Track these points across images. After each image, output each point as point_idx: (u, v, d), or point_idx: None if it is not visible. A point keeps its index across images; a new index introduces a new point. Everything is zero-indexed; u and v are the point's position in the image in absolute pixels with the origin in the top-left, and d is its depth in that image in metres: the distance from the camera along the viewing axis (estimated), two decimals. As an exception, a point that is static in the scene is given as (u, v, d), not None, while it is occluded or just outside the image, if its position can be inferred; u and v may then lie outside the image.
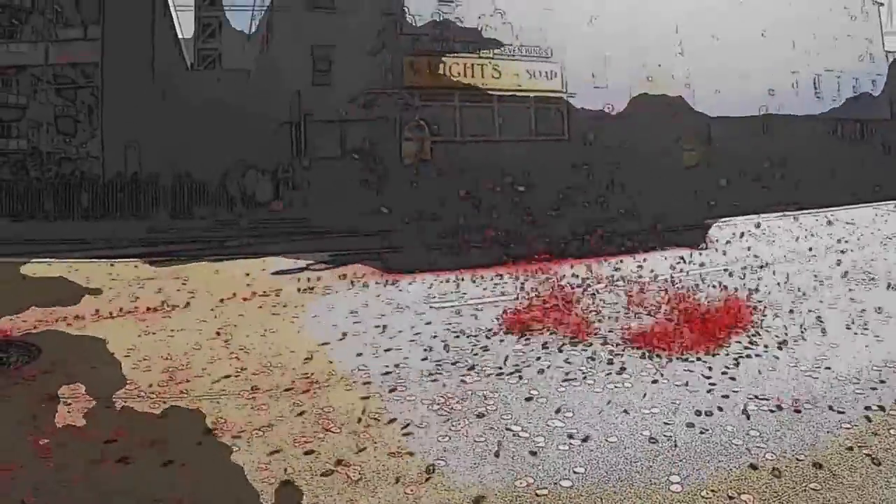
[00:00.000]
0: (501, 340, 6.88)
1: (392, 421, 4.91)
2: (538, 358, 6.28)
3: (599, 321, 7.45)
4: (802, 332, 6.89)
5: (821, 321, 7.27)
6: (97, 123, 19.83)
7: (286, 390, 5.51)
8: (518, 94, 23.46)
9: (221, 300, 8.79)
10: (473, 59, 22.85)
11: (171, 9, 22.35)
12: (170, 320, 7.81)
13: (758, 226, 14.93)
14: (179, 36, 23.38)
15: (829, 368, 5.74)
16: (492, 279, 9.95)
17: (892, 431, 4.50)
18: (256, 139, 19.27)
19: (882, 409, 4.86)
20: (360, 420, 4.91)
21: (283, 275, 10.58)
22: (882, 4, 38.99)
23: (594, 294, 8.77)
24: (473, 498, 3.84)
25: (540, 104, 24.02)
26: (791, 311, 7.73)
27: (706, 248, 12.37)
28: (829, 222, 15.17)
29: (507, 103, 23.33)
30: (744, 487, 3.88)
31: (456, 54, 22.56)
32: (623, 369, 5.89)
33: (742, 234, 13.69)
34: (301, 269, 10.96)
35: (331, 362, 6.23)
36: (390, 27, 21.54)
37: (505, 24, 23.47)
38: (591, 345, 6.61)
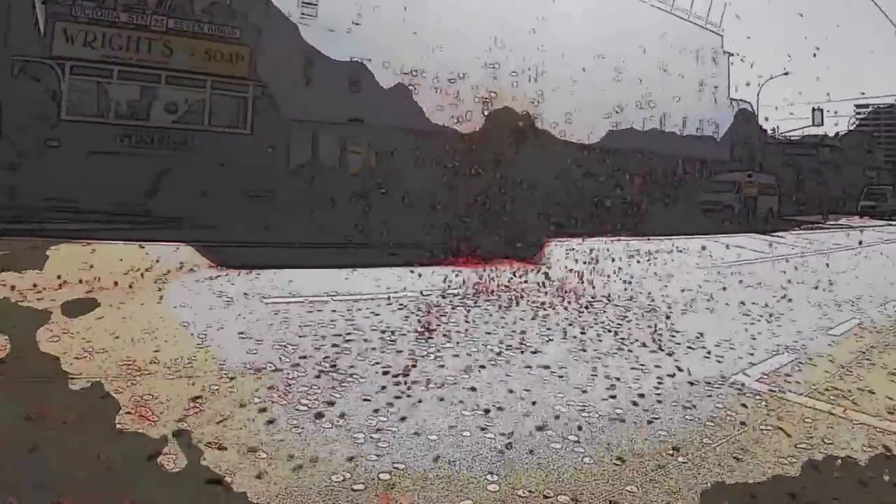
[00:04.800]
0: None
1: (214, 412, 4.72)
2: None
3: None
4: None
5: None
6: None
7: (108, 376, 5.18)
8: (192, 75, 21.39)
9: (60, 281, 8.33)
10: (141, 32, 20.51)
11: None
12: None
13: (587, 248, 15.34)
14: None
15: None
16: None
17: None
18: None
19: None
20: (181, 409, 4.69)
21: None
22: (732, 55, 42.03)
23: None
24: (290, 490, 3.71)
25: (219, 90, 22.02)
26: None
27: (544, 265, 12.69)
28: (654, 251, 15.94)
29: (178, 86, 21.31)
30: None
31: (122, 24, 20.22)
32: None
33: (572, 253, 14.02)
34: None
35: (156, 350, 5.94)
36: None
37: None
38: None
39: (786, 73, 41.61)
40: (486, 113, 25.17)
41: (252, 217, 16.23)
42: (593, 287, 10.86)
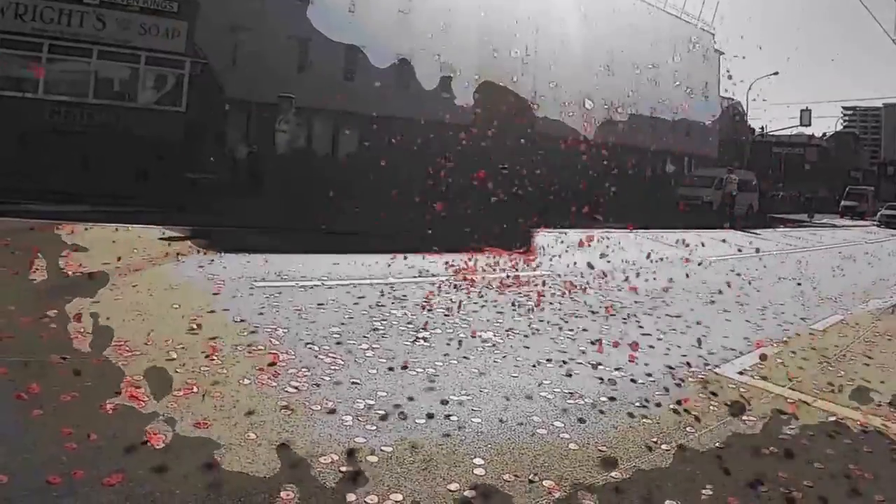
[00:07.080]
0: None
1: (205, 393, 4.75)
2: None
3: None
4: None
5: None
6: None
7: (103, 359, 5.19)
8: (126, 50, 20.92)
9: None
10: (73, 5, 19.97)
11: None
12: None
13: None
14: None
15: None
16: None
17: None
18: None
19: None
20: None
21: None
22: (723, 53, 42.24)
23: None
24: (277, 472, 3.74)
25: (153, 66, 21.52)
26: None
27: (531, 254, 12.74)
28: (636, 240, 16.06)
29: (111, 60, 20.82)
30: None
31: None
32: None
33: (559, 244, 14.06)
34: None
35: (150, 332, 5.95)
36: None
37: None
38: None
39: (775, 73, 41.90)
40: (475, 102, 25.21)
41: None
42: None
